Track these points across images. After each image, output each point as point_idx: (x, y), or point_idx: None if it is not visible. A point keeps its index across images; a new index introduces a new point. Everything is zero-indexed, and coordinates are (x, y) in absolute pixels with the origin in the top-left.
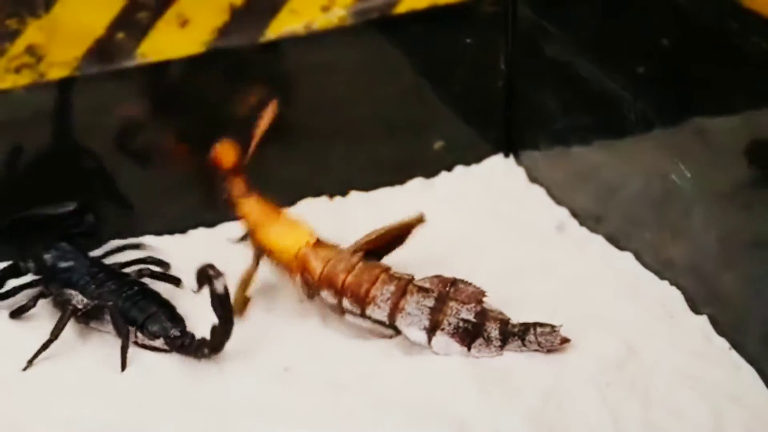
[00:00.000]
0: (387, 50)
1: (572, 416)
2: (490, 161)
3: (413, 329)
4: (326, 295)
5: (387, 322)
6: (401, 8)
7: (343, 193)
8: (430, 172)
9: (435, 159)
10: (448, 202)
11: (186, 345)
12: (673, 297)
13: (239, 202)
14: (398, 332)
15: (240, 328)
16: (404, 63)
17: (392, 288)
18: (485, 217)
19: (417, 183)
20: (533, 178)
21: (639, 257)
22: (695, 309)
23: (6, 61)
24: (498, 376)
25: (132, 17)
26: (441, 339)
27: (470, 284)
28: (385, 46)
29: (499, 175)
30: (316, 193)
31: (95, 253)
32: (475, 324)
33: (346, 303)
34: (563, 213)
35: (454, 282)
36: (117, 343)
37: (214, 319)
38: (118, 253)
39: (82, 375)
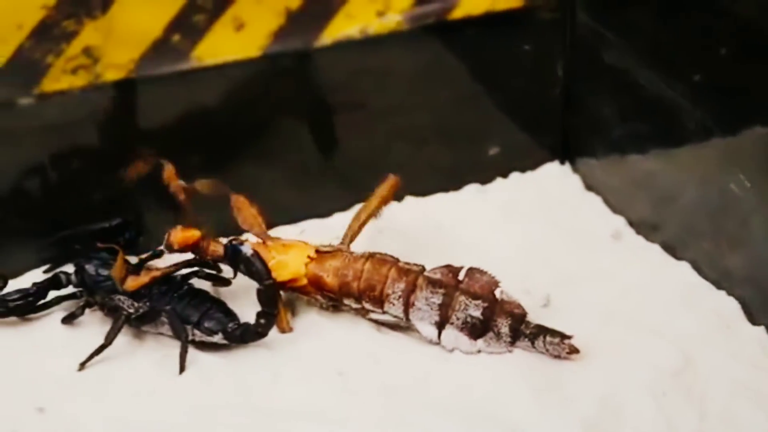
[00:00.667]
0: (443, 55)
1: (628, 425)
2: (546, 168)
3: (424, 324)
4: (348, 302)
5: (403, 318)
6: (457, 13)
7: (399, 198)
8: (485, 179)
9: (490, 165)
10: (503, 208)
11: (241, 335)
12: (731, 307)
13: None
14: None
15: (293, 334)
16: (460, 68)
17: (402, 285)
18: (540, 224)
19: (472, 189)
20: (589, 186)
21: (696, 267)
22: (753, 320)
23: (63, 62)
24: (553, 383)
25: (189, 20)
26: (450, 333)
27: (484, 273)
28: (441, 52)
29: (554, 182)
30: None
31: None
32: (484, 320)
33: (367, 305)
34: (619, 221)
35: (467, 271)
36: (173, 344)
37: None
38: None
39: (139, 377)
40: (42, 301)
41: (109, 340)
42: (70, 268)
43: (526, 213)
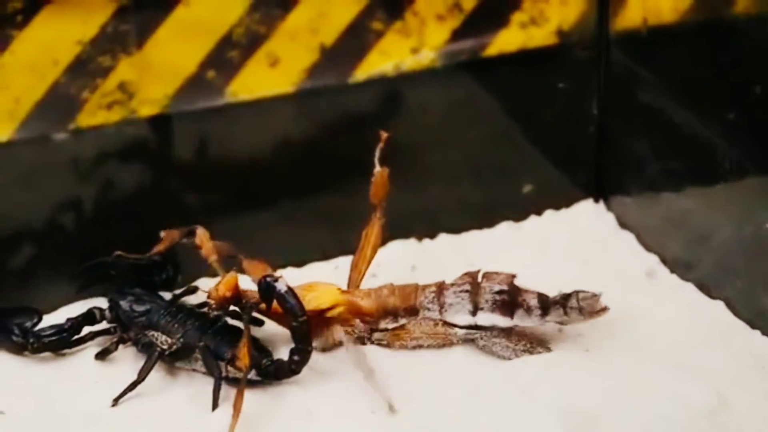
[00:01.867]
0: (477, 92)
1: None
2: (580, 206)
3: (461, 316)
4: (385, 323)
5: (440, 320)
6: (491, 51)
7: (432, 236)
8: (518, 216)
9: (524, 203)
10: (537, 246)
11: (274, 372)
12: (765, 347)
13: (262, 309)
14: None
15: (325, 371)
16: (494, 105)
17: (432, 288)
18: (574, 262)
19: (505, 227)
20: (623, 224)
21: (730, 306)
22: None
23: (98, 97)
24: (587, 420)
25: (223, 56)
26: (484, 316)
27: (500, 272)
28: (474, 89)
29: (588, 220)
30: (405, 235)
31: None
32: (511, 293)
33: (402, 321)
34: (653, 260)
35: (484, 273)
36: (206, 381)
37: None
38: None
39: (172, 413)
40: (76, 337)
41: (142, 376)
42: (102, 303)
43: (560, 251)
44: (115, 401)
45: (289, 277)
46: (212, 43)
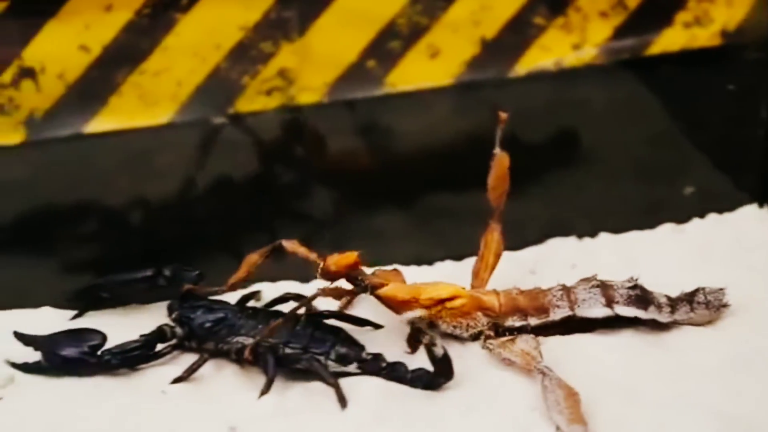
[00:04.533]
0: (639, 91)
1: None
2: (744, 211)
3: (595, 309)
4: (512, 321)
5: (571, 315)
6: (654, 49)
7: (593, 234)
8: (681, 218)
9: (686, 205)
10: (699, 250)
11: (387, 369)
12: None
13: (380, 292)
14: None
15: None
16: (656, 105)
17: (559, 287)
18: (737, 268)
19: (667, 228)
20: None
21: None
22: None
23: (258, 83)
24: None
25: (384, 45)
26: (621, 309)
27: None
28: (637, 87)
29: (753, 225)
30: (565, 233)
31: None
32: (643, 289)
33: (532, 320)
34: None
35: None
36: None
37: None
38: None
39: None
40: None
41: (271, 374)
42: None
43: (723, 255)
44: (264, 391)
45: (447, 269)
46: (374, 32)
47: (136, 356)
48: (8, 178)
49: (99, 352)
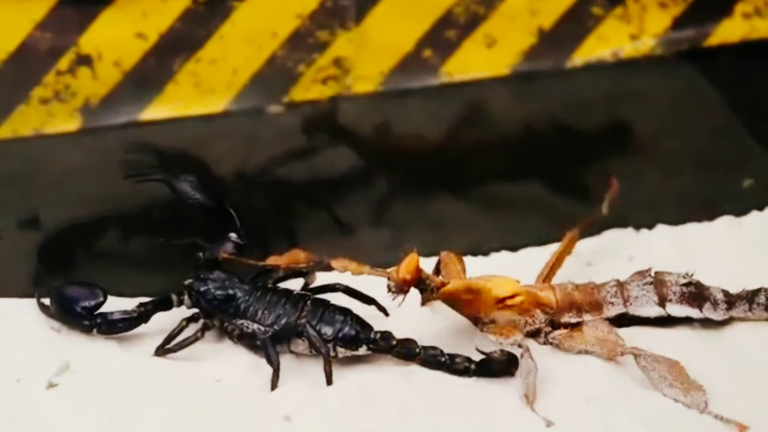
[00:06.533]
0: (698, 82)
1: None
2: None
3: (647, 308)
4: (567, 317)
5: (625, 312)
6: (713, 40)
7: (650, 226)
8: (739, 211)
9: (745, 197)
10: (756, 243)
11: (399, 347)
12: None
13: (442, 292)
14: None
15: None
16: (715, 96)
17: (613, 283)
18: None
19: (725, 221)
20: None
21: None
22: None
23: (314, 71)
24: None
25: (440, 34)
26: (673, 308)
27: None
28: (695, 78)
29: None
30: (622, 224)
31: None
32: (698, 286)
33: (586, 317)
34: None
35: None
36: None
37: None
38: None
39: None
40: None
41: (275, 364)
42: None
43: None
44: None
45: (502, 260)
46: (430, 21)
47: (124, 327)
48: (64, 165)
49: (95, 313)
